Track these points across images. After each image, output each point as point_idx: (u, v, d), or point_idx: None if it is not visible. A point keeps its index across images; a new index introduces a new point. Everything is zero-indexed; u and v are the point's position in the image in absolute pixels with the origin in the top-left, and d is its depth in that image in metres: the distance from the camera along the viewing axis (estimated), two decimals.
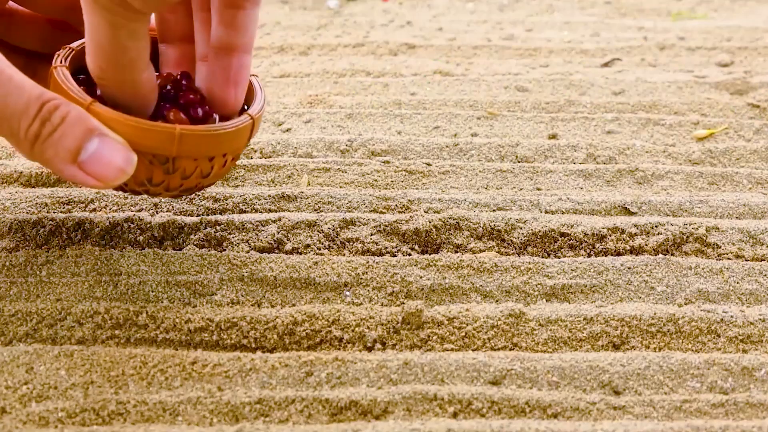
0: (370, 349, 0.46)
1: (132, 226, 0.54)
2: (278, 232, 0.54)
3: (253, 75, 0.51)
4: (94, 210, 0.56)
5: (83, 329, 0.46)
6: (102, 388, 0.42)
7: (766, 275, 0.52)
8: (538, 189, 0.61)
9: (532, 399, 0.42)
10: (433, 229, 0.55)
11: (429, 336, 0.47)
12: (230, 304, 0.49)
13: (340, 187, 0.61)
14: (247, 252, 0.53)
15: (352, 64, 0.86)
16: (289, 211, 0.57)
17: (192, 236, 0.54)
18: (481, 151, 0.66)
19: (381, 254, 0.53)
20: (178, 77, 0.49)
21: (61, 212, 0.56)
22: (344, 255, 0.53)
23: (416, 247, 0.54)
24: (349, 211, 0.57)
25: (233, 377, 0.44)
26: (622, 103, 0.76)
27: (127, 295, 0.49)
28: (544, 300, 0.50)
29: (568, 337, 0.47)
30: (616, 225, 0.56)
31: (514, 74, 0.84)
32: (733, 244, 0.55)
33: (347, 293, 0.50)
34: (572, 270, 0.52)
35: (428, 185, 0.61)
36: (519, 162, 0.65)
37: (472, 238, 0.55)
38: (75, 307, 0.47)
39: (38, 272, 0.50)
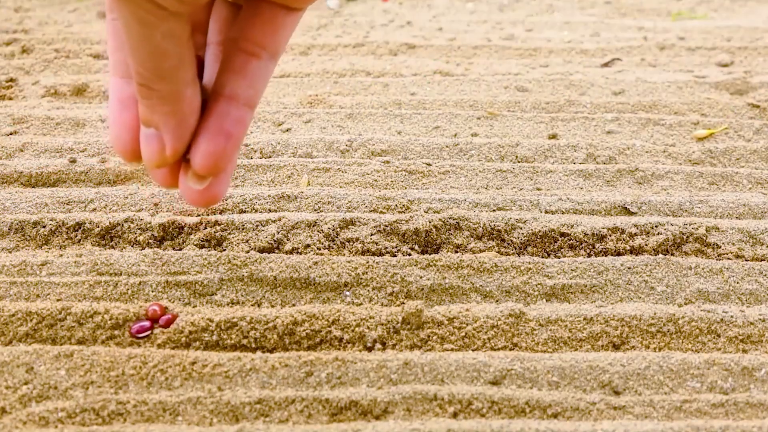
0: (370, 349, 0.46)
1: (132, 226, 0.54)
2: (278, 232, 0.54)
3: None
4: (94, 210, 0.56)
5: (83, 329, 0.46)
6: (102, 388, 0.42)
7: (766, 275, 0.52)
8: (538, 189, 0.61)
9: (532, 399, 0.42)
10: (433, 229, 0.55)
11: (429, 336, 0.47)
12: (230, 304, 0.49)
13: (340, 187, 0.60)
14: (247, 252, 0.53)
15: (352, 64, 0.86)
16: (289, 211, 0.57)
17: (192, 236, 0.54)
18: (481, 151, 0.66)
19: (381, 254, 0.53)
20: None
21: (61, 212, 0.56)
22: (344, 255, 0.53)
23: (416, 247, 0.54)
24: (349, 211, 0.57)
25: (233, 377, 0.44)
26: (622, 103, 0.76)
27: (127, 295, 0.49)
28: (544, 300, 0.50)
29: (568, 337, 0.47)
30: (616, 225, 0.55)
31: (514, 74, 0.84)
32: (733, 244, 0.55)
33: (347, 293, 0.50)
34: (572, 270, 0.52)
35: (428, 185, 0.61)
36: (519, 162, 0.65)
37: (472, 238, 0.55)
38: (75, 307, 0.47)
39: (38, 272, 0.50)
